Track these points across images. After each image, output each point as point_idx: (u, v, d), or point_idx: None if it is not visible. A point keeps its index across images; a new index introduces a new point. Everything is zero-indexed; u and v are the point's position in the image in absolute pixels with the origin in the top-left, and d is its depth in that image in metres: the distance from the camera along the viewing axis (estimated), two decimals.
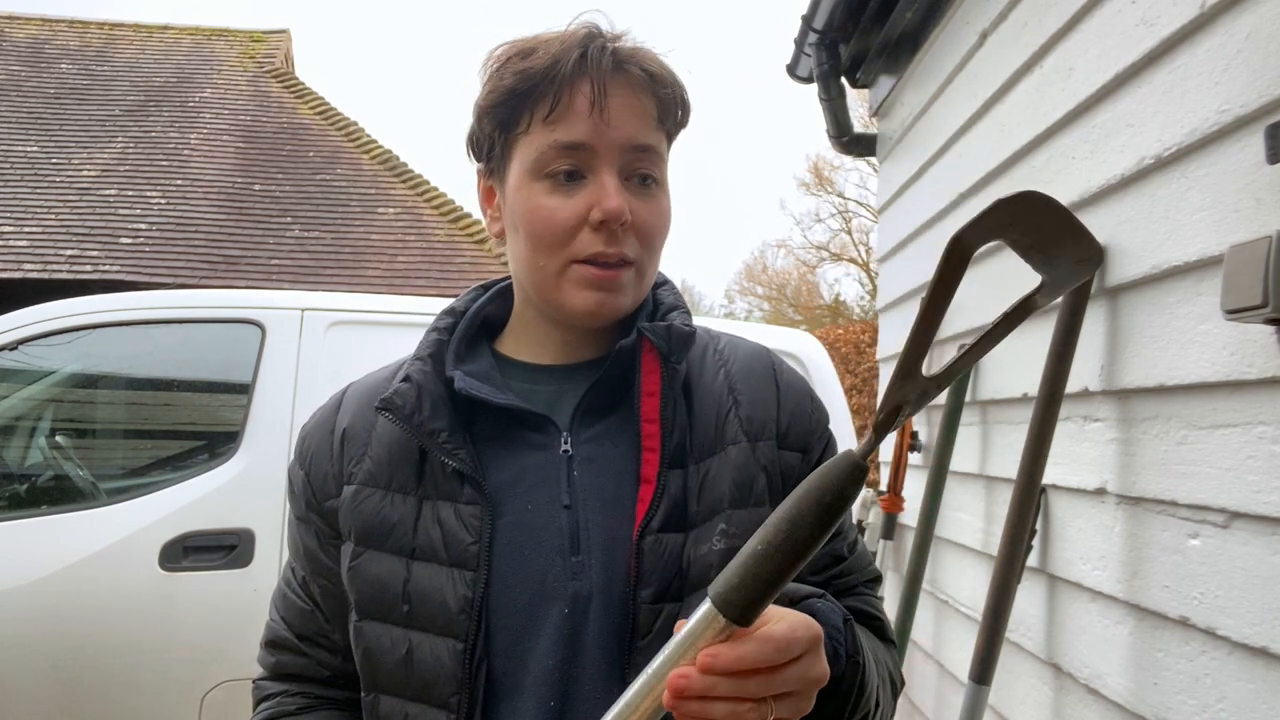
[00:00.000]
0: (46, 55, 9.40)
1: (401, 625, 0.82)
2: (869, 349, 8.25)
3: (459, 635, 0.80)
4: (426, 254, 7.56)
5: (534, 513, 0.83)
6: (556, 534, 0.82)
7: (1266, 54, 1.20)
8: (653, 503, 0.81)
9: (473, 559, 0.81)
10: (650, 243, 0.85)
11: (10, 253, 6.83)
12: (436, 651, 0.80)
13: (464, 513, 0.82)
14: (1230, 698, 1.26)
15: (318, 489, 0.89)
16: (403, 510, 0.84)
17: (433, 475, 0.85)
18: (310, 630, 0.92)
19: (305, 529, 0.91)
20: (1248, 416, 1.24)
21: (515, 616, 0.81)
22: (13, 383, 2.92)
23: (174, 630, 2.55)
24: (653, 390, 0.85)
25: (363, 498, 0.86)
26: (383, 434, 0.88)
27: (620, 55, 0.83)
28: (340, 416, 0.92)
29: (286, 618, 0.93)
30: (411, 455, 0.86)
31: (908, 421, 2.64)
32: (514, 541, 0.82)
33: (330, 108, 9.08)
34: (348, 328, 2.89)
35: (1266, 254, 1.08)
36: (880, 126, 3.32)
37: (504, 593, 0.81)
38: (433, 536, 0.83)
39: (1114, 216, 1.60)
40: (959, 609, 2.34)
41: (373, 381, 0.94)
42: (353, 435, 0.89)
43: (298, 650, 0.92)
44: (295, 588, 0.93)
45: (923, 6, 2.63)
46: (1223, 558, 1.28)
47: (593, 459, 0.85)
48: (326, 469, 0.89)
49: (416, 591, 0.82)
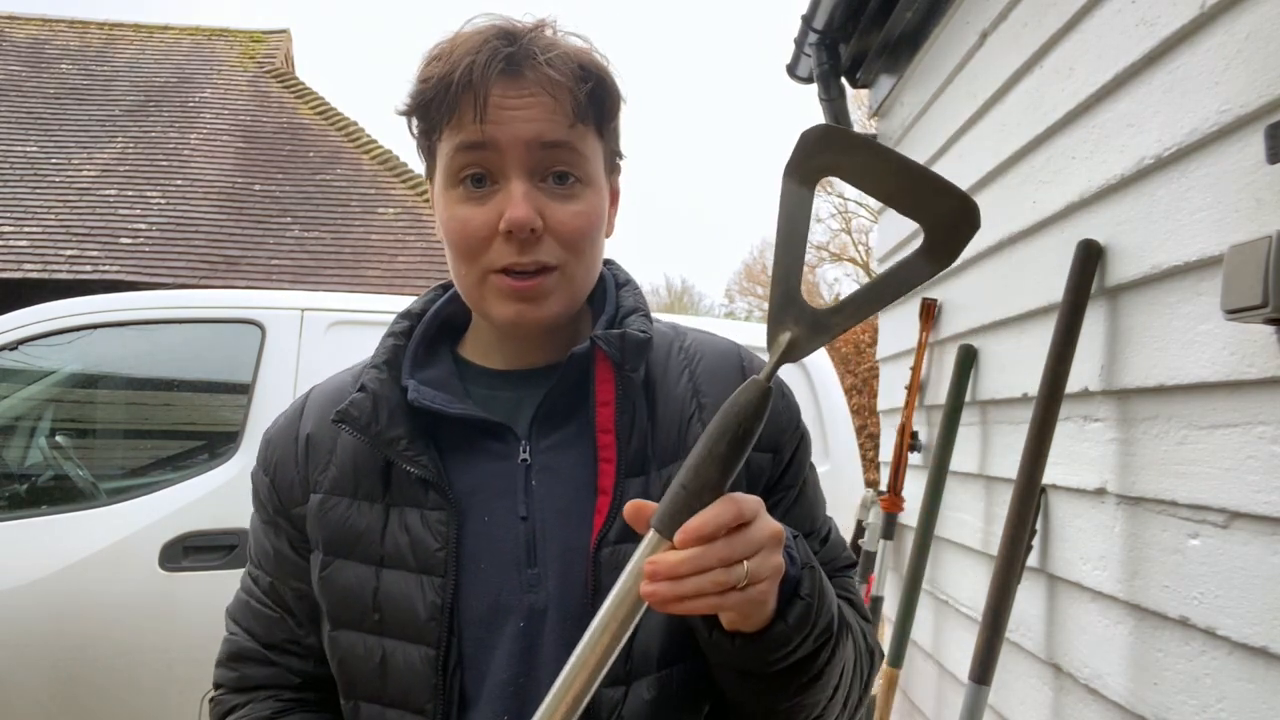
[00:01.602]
0: (46, 55, 9.40)
1: (374, 633, 0.82)
2: (869, 349, 8.25)
3: (430, 642, 0.80)
4: (426, 254, 7.56)
5: (491, 523, 0.82)
6: (513, 545, 0.81)
7: (1266, 54, 1.20)
8: (609, 514, 0.80)
9: (440, 565, 0.80)
10: (574, 245, 0.81)
11: (10, 253, 6.83)
12: (410, 659, 0.80)
13: (430, 519, 0.82)
14: (1230, 698, 1.26)
15: (284, 495, 0.88)
16: (370, 518, 0.84)
17: (399, 482, 0.84)
18: (278, 638, 0.90)
19: (273, 533, 0.90)
20: (1248, 416, 1.24)
21: (477, 627, 0.81)
22: (13, 383, 2.92)
23: (174, 630, 2.55)
24: (607, 400, 0.83)
25: (329, 506, 0.85)
26: (347, 441, 0.86)
27: (524, 53, 0.79)
28: (304, 422, 0.90)
29: (251, 628, 0.91)
30: (377, 462, 0.84)
31: (908, 421, 2.64)
32: (472, 552, 0.81)
33: (330, 108, 9.08)
34: (348, 328, 2.89)
35: (1266, 254, 1.08)
36: (880, 126, 3.32)
37: (469, 602, 0.81)
38: (400, 543, 0.82)
39: (1114, 216, 1.60)
40: (959, 609, 2.34)
41: (334, 386, 0.92)
42: (317, 442, 0.88)
43: (264, 660, 0.90)
44: (259, 596, 0.91)
45: (923, 6, 2.63)
46: (1223, 558, 1.28)
47: (551, 468, 0.84)
48: (292, 475, 0.88)
49: (386, 599, 0.81)
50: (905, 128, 2.92)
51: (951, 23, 2.45)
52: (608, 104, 0.84)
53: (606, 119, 0.85)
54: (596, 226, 0.84)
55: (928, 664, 2.63)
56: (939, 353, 2.57)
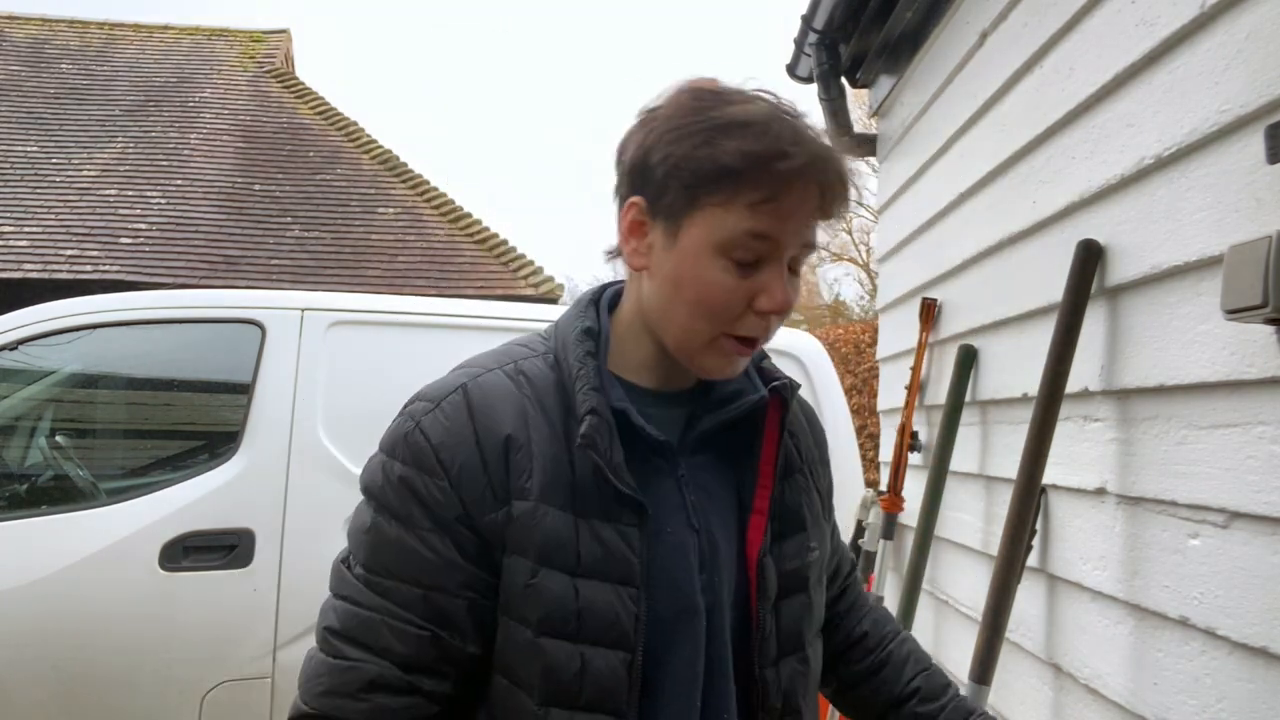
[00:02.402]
0: (46, 55, 9.40)
1: (572, 640, 0.85)
2: (869, 349, 8.24)
3: (627, 647, 0.86)
4: (426, 254, 7.56)
5: (674, 534, 0.90)
6: (693, 553, 0.91)
7: (1266, 54, 1.20)
8: (766, 531, 0.95)
9: (636, 576, 0.87)
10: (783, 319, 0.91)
11: (10, 253, 6.83)
12: (609, 664, 0.86)
13: (627, 534, 0.87)
14: (1230, 698, 1.26)
15: (470, 503, 0.85)
16: (567, 528, 0.86)
17: (583, 493, 0.87)
18: (428, 658, 0.85)
19: (441, 539, 0.85)
20: (1248, 416, 1.24)
21: (663, 626, 0.88)
22: (13, 383, 2.92)
23: (174, 630, 2.55)
24: (774, 437, 0.97)
25: (541, 514, 0.86)
26: (544, 448, 0.87)
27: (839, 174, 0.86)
28: (482, 423, 0.87)
29: (388, 650, 0.84)
30: (565, 473, 0.87)
31: (908, 421, 2.64)
32: (663, 561, 0.89)
33: (330, 108, 9.09)
34: (348, 328, 2.88)
35: (1266, 254, 1.08)
36: (880, 126, 3.32)
37: (655, 607, 0.88)
38: (595, 554, 0.86)
39: (1114, 216, 1.60)
40: (959, 609, 2.34)
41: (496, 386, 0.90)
42: (518, 446, 0.87)
43: (404, 688, 0.85)
44: (401, 613, 0.85)
45: (923, 6, 2.63)
46: (1223, 558, 1.28)
47: (701, 485, 0.94)
48: (481, 481, 0.86)
49: (587, 607, 0.85)
50: (905, 128, 2.92)
51: (951, 23, 2.45)
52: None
53: None
54: None
55: None
56: (939, 353, 2.57)
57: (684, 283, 0.86)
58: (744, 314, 0.87)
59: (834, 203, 0.86)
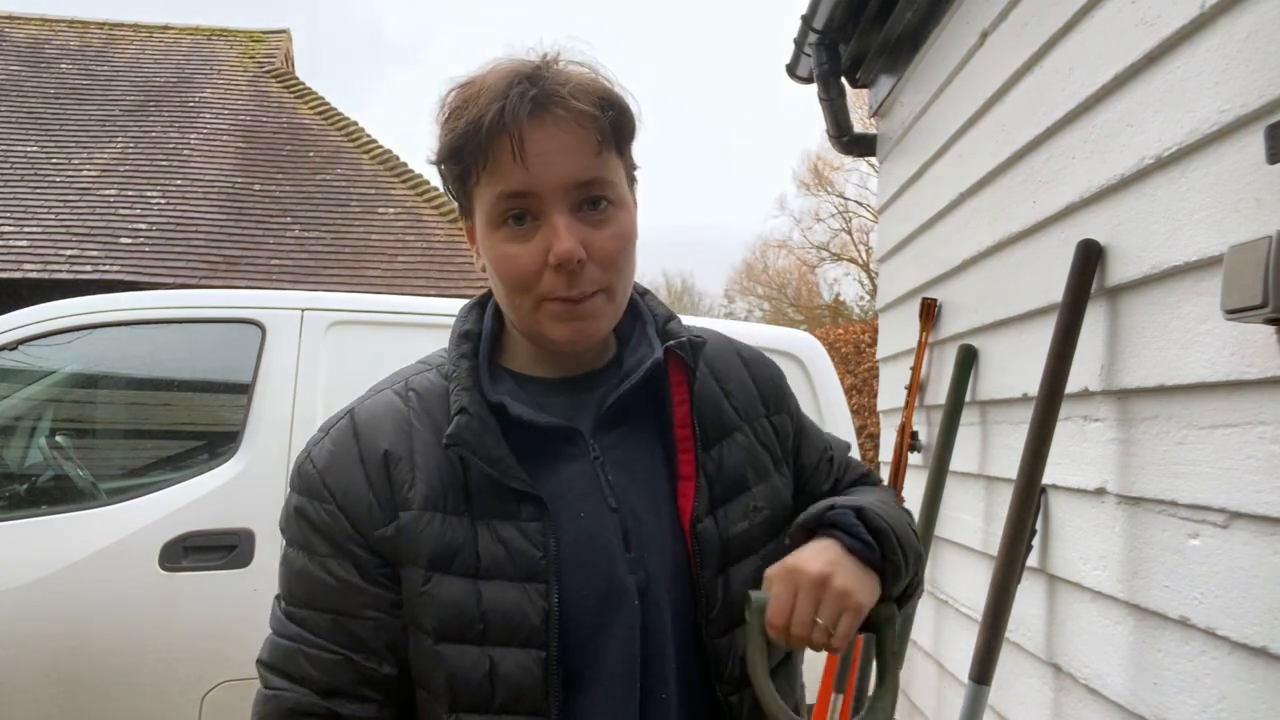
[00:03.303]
0: (46, 55, 9.40)
1: (478, 644, 0.85)
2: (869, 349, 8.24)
3: (539, 645, 0.85)
4: (426, 254, 7.56)
5: (588, 519, 0.89)
6: (612, 535, 0.89)
7: (1266, 54, 1.20)
8: (696, 496, 0.91)
9: (544, 572, 0.85)
10: (613, 265, 0.88)
11: (10, 253, 6.83)
12: (522, 664, 0.84)
13: (528, 530, 0.86)
14: (1230, 698, 1.26)
15: (358, 521, 0.87)
16: (461, 531, 0.86)
17: (481, 495, 0.87)
18: (343, 681, 0.87)
19: (339, 564, 0.87)
20: (1248, 416, 1.24)
21: (587, 616, 0.87)
22: (13, 383, 2.91)
23: (174, 630, 2.55)
24: (683, 400, 0.93)
25: (425, 522, 0.86)
26: (427, 458, 0.88)
27: (547, 92, 0.83)
28: (364, 444, 0.89)
29: (305, 678, 0.86)
30: (457, 478, 0.87)
31: (908, 421, 2.64)
32: (577, 549, 0.87)
33: (330, 108, 9.08)
34: (348, 328, 2.89)
35: (1266, 254, 1.08)
36: (880, 126, 3.32)
37: (574, 597, 0.86)
38: (496, 555, 0.85)
39: (1114, 216, 1.60)
40: (959, 609, 2.34)
41: (382, 405, 0.93)
42: (397, 459, 0.88)
43: (324, 714, 0.86)
44: (312, 640, 0.87)
45: (923, 6, 2.63)
46: (1223, 558, 1.28)
47: (620, 463, 0.92)
48: (366, 499, 0.87)
49: (492, 610, 0.85)
50: (905, 128, 2.92)
51: (951, 23, 2.45)
52: (626, 128, 0.90)
53: (625, 140, 0.91)
54: (631, 243, 0.91)
55: (928, 664, 2.63)
56: (939, 353, 2.57)
57: (492, 267, 0.89)
58: (543, 273, 0.85)
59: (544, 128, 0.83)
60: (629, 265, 0.91)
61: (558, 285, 0.85)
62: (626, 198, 0.91)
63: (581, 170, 0.85)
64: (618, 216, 0.89)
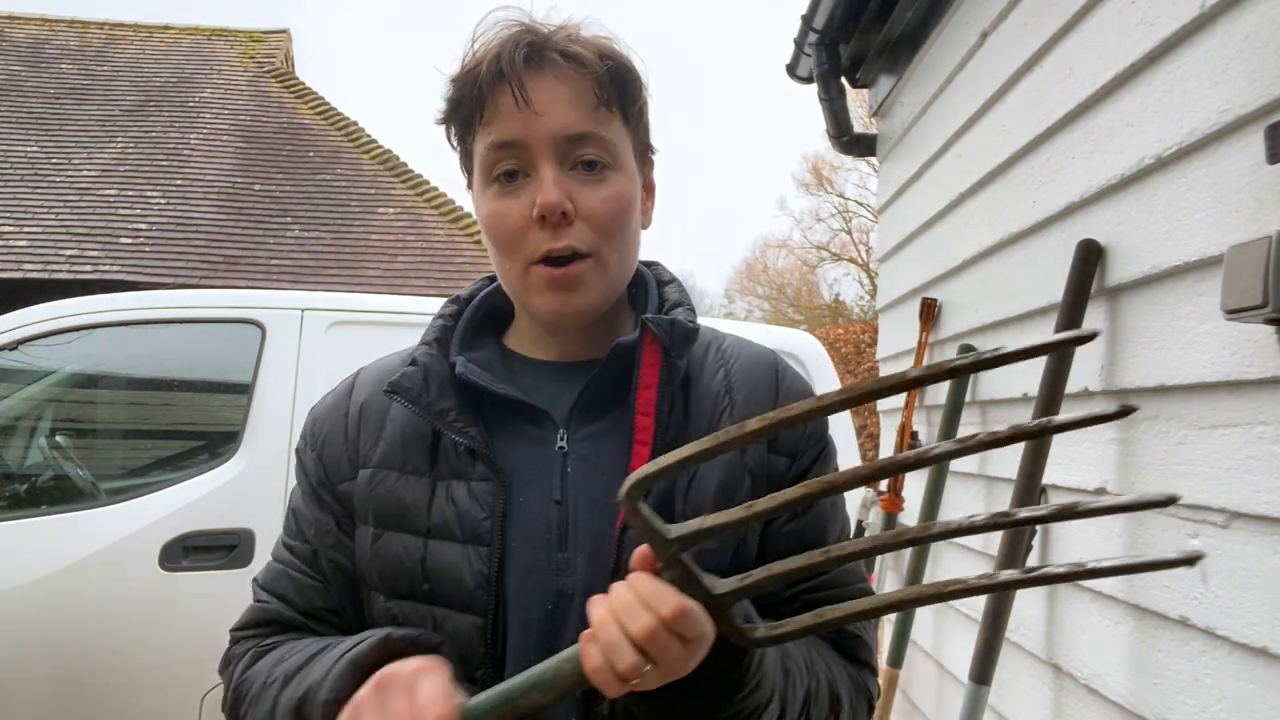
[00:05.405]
0: (46, 55, 9.39)
1: (426, 602, 0.83)
2: (869, 349, 8.25)
3: (478, 611, 0.82)
4: (426, 254, 7.56)
5: (526, 505, 0.84)
6: (546, 529, 0.84)
7: (1266, 54, 1.20)
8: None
9: (486, 534, 0.82)
10: (605, 229, 0.84)
11: (10, 253, 6.83)
12: (459, 627, 0.82)
13: (476, 489, 0.84)
14: (1230, 698, 1.26)
15: (331, 470, 0.90)
16: (417, 491, 0.86)
17: (445, 456, 0.86)
18: (318, 605, 0.89)
19: (316, 505, 0.91)
20: (1248, 416, 1.24)
21: (518, 598, 0.82)
22: (13, 383, 2.92)
23: (174, 630, 2.55)
24: (650, 383, 0.85)
25: (378, 480, 0.87)
26: (396, 417, 0.89)
27: (543, 46, 0.82)
28: (354, 398, 0.93)
29: (286, 595, 0.90)
30: (424, 438, 0.87)
31: (908, 421, 2.64)
32: (518, 531, 0.83)
33: (330, 108, 9.08)
34: (348, 328, 2.89)
35: (1266, 254, 1.08)
36: (880, 126, 3.32)
37: (512, 574, 0.83)
38: (447, 515, 0.84)
39: (1114, 216, 1.60)
40: (959, 609, 2.34)
41: (383, 366, 0.95)
42: (369, 414, 0.91)
43: (300, 626, 0.90)
44: (300, 566, 0.91)
45: (923, 6, 2.63)
46: (1223, 558, 1.28)
47: (587, 457, 0.86)
48: (340, 451, 0.90)
49: (435, 569, 0.83)
50: (905, 128, 2.92)
51: (951, 23, 2.45)
52: (629, 87, 0.87)
53: (630, 102, 0.87)
54: (627, 211, 0.86)
55: (928, 664, 2.63)
56: (939, 353, 2.57)
57: (483, 227, 0.87)
58: (529, 230, 0.83)
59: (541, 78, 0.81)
60: (625, 235, 0.86)
61: (542, 240, 0.82)
62: (629, 165, 0.87)
63: (575, 122, 0.82)
64: (615, 180, 0.85)
